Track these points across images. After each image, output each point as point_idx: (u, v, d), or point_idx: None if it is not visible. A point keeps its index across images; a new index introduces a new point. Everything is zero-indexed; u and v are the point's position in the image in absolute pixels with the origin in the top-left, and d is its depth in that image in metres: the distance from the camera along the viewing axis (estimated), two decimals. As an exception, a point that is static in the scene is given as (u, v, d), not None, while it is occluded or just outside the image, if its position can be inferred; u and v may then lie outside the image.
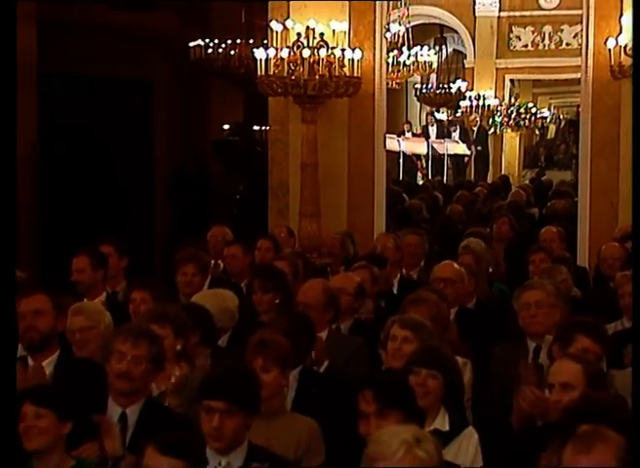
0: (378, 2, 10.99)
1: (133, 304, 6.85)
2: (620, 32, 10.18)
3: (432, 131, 23.01)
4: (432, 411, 4.84)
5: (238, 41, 14.99)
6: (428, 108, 23.77)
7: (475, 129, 22.49)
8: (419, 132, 23.33)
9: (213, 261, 9.06)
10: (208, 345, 6.26)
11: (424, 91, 21.79)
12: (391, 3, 11.66)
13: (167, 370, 5.48)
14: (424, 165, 22.25)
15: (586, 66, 10.71)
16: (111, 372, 5.08)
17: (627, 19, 9.94)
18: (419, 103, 23.74)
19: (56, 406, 4.50)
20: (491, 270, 9.26)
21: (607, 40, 10.34)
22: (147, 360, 5.10)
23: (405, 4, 17.37)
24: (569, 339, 5.43)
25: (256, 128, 16.72)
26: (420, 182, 20.48)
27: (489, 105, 22.18)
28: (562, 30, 22.01)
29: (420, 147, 21.85)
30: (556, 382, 4.75)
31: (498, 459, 4.68)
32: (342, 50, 10.48)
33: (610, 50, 10.29)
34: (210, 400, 4.41)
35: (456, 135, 22.66)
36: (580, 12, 11.56)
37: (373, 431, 4.19)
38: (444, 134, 22.82)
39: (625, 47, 9.95)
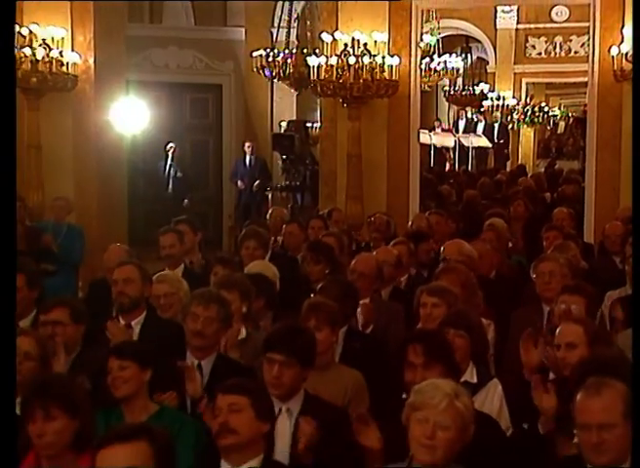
0: (413, 16, 10.97)
1: (215, 277, 6.82)
2: (622, 41, 10.09)
3: (460, 126, 22.91)
4: (462, 366, 4.84)
5: (294, 51, 14.92)
6: (455, 107, 23.66)
7: (497, 125, 22.40)
8: (447, 127, 23.22)
9: (273, 238, 9.08)
10: (270, 309, 6.31)
11: (452, 92, 21.70)
12: (424, 17, 11.60)
13: (234, 329, 5.53)
14: (452, 156, 22.21)
15: (592, 71, 10.62)
16: (188, 331, 5.14)
17: (628, 31, 9.85)
18: (447, 103, 23.61)
19: (136, 357, 4.54)
20: (510, 245, 9.19)
21: (610, 48, 10.26)
22: (217, 320, 5.14)
23: (436, 18, 17.29)
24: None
25: (308, 124, 16.69)
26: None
27: (508, 105, 22.12)
28: (571, 40, 21.88)
29: (448, 141, 21.78)
30: (562, 342, 4.73)
31: (518, 407, 4.67)
32: (383, 57, 10.53)
33: (613, 57, 10.22)
34: (271, 352, 4.43)
35: (480, 129, 22.57)
36: (587, 24, 11.45)
37: (418, 380, 4.16)
38: (469, 129, 22.74)
39: (627, 54, 9.87)
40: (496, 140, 22.29)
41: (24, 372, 4.51)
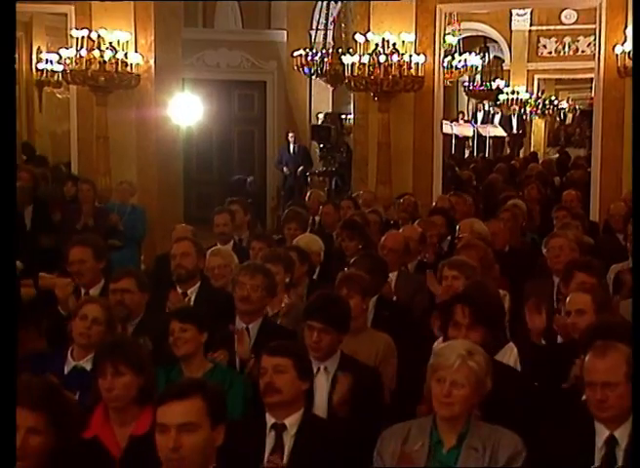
0: (437, 19, 10.91)
1: (252, 251, 6.91)
2: (625, 41, 9.97)
3: (479, 117, 22.75)
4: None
5: (330, 50, 14.87)
6: (474, 101, 23.48)
7: (516, 117, 22.28)
8: (467, 119, 23.09)
9: (311, 218, 9.08)
10: (308, 277, 6.35)
11: (471, 87, 21.48)
12: (447, 20, 11.52)
13: (279, 297, 5.55)
14: (471, 144, 22.12)
15: (598, 68, 10.48)
16: (236, 298, 5.15)
17: (630, 31, 9.75)
18: (466, 97, 23.41)
19: (195, 321, 4.56)
20: (524, 224, 9.13)
21: (614, 47, 10.13)
22: (262, 288, 5.16)
23: (457, 20, 17.14)
24: (569, 277, 5.40)
25: (342, 116, 16.64)
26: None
27: (521, 99, 21.92)
28: (579, 40, 21.62)
29: (467, 130, 21.64)
30: (572, 309, 4.73)
31: (530, 366, 4.66)
32: (410, 56, 10.48)
33: (617, 55, 10.09)
34: (311, 320, 4.44)
35: (496, 121, 22.42)
36: (593, 26, 11.32)
37: (462, 338, 4.16)
38: (487, 120, 22.60)
39: (629, 53, 9.75)
40: (515, 131, 22.18)
41: (93, 336, 4.56)
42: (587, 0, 11.53)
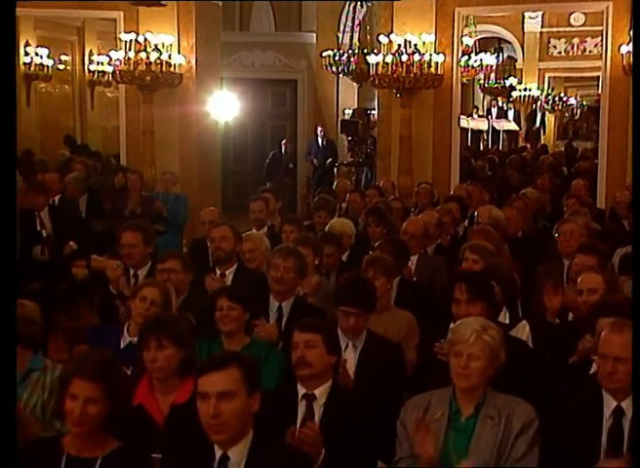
0: (455, 21, 10.82)
1: (284, 234, 6.89)
2: (630, 41, 9.84)
3: (493, 113, 22.56)
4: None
5: (356, 51, 14.77)
6: (489, 97, 23.29)
7: (539, 114, 22.20)
8: (481, 113, 22.91)
9: (339, 205, 9.03)
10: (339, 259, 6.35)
11: (486, 85, 21.34)
12: (464, 22, 11.41)
13: (309, 278, 5.53)
14: (485, 137, 21.96)
15: (605, 67, 10.38)
16: (271, 279, 5.15)
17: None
18: (482, 94, 23.23)
19: (243, 301, 4.55)
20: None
21: (620, 47, 10.03)
22: (294, 270, 5.14)
23: (474, 23, 16.99)
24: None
25: (368, 111, 16.55)
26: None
27: (533, 95, 21.75)
28: (586, 41, 21.35)
29: (482, 125, 21.51)
30: (584, 288, 4.69)
31: (543, 343, 4.62)
32: (430, 55, 10.41)
33: (622, 54, 9.99)
34: (344, 306, 4.43)
35: (510, 116, 22.27)
36: (600, 27, 11.16)
37: (462, 313, 4.19)
38: (501, 115, 22.43)
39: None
40: (538, 125, 22.07)
41: (151, 316, 4.55)
42: (595, 4, 11.35)
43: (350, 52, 14.80)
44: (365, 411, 3.70)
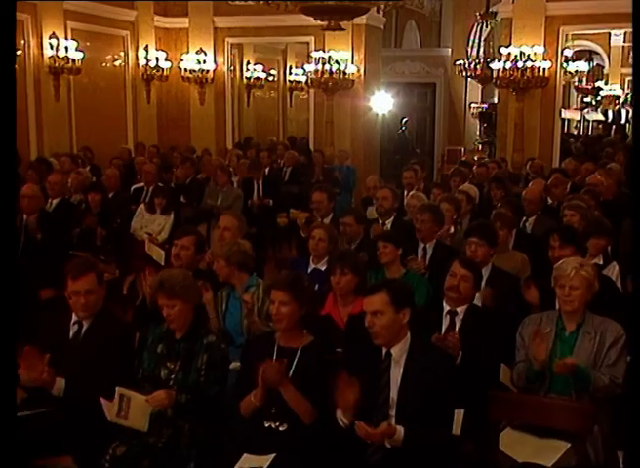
0: (560, 37, 10.20)
1: (432, 195, 6.64)
2: None
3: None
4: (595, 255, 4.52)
5: (481, 60, 14.12)
6: (580, 95, 21.88)
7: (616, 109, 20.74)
8: (575, 107, 21.58)
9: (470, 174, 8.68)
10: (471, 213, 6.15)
11: (580, 86, 20.10)
12: (564, 38, 10.67)
13: (445, 227, 5.33)
14: (578, 125, 20.71)
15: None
16: (416, 227, 5.00)
17: None
18: (576, 92, 21.84)
19: (393, 240, 4.41)
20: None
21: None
22: (429, 221, 5.01)
23: (572, 39, 15.90)
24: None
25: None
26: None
27: (616, 95, 20.33)
28: (662, 49, 19.66)
29: (576, 115, 20.39)
30: None
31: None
32: (540, 63, 9.90)
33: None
34: (471, 237, 4.33)
35: (599, 109, 20.91)
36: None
37: (556, 255, 4.05)
38: (590, 109, 21.09)
39: None
40: (624, 120, 20.60)
41: (320, 250, 4.50)
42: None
43: (477, 61, 14.19)
44: (493, 326, 3.57)
